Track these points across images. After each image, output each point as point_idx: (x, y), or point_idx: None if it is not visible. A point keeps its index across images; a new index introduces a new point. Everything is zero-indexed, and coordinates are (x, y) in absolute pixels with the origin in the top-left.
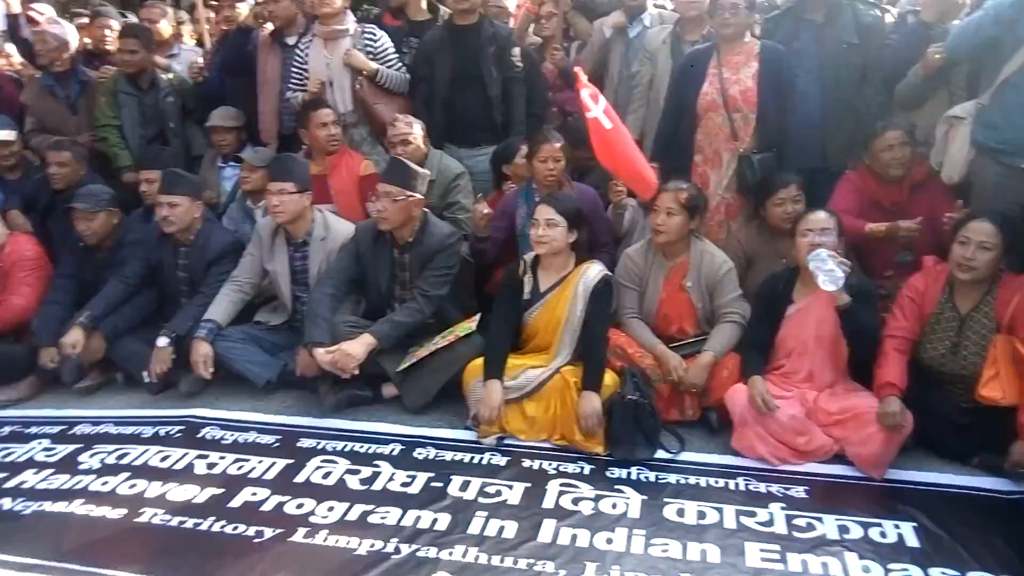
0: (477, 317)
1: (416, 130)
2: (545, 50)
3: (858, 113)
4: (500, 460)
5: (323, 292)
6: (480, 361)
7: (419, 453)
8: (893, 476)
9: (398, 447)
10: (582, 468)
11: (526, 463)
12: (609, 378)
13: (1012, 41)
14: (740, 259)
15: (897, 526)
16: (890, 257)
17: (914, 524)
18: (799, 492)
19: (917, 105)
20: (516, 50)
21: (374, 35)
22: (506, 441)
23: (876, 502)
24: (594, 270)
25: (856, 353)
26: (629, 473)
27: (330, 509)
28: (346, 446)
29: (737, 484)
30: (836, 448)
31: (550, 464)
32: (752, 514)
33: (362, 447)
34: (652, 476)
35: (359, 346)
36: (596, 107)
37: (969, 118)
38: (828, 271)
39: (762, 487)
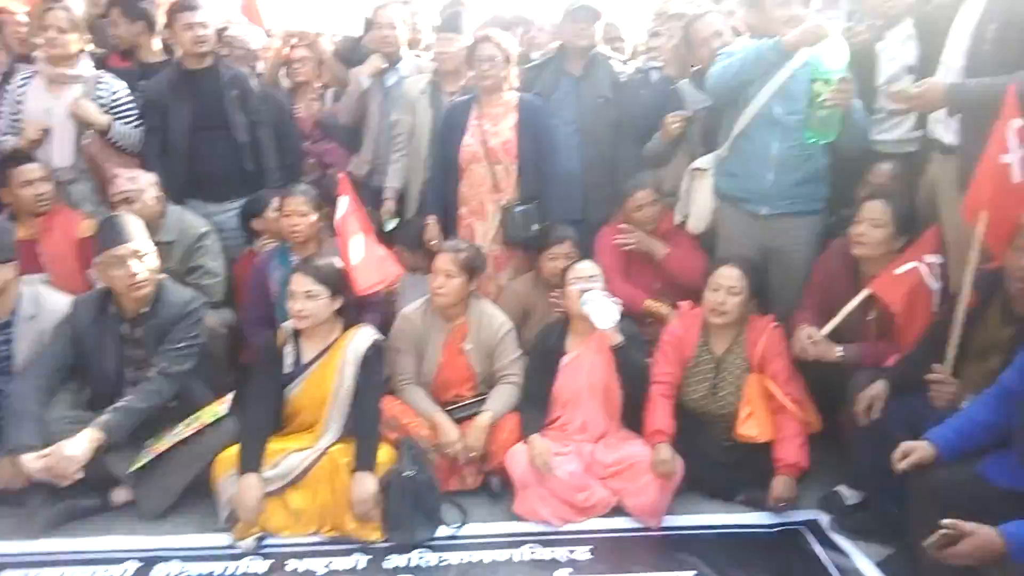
0: (230, 397)
1: (143, 185)
2: (297, 96)
3: (614, 167)
4: (261, 565)
5: (29, 384)
6: (233, 451)
7: (161, 569)
8: (670, 523)
9: (134, 565)
10: (357, 562)
11: (291, 565)
12: (384, 453)
13: (745, 97)
14: (517, 313)
15: None
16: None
17: (695, 573)
18: (585, 554)
19: (663, 164)
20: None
21: (109, 85)
22: (267, 542)
23: (658, 553)
24: (364, 335)
25: (630, 396)
26: (409, 560)
27: None
28: (64, 573)
29: (523, 554)
30: (615, 501)
31: (320, 562)
32: None
33: (88, 571)
34: (434, 559)
35: (81, 444)
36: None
37: (711, 169)
38: (602, 310)
39: (548, 553)
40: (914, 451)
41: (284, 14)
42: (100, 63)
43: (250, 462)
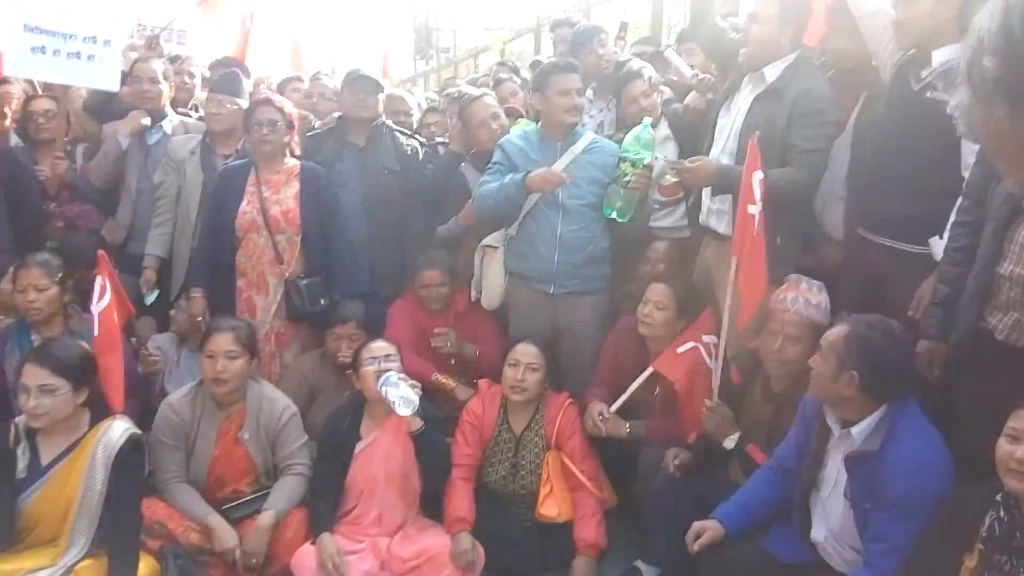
0: None
1: None
2: (40, 152)
3: (402, 240)
4: None
5: None
6: None
7: None
8: None
9: None
10: None
11: None
12: (145, 567)
13: None
14: (303, 395)
15: None
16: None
17: None
18: None
19: (456, 246)
20: None
21: None
22: None
23: None
24: (117, 429)
25: (430, 482)
26: None
27: None
28: None
29: None
30: None
31: None
32: None
33: None
34: None
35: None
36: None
37: (501, 247)
38: (402, 395)
39: None
40: (705, 531)
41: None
42: None
43: None
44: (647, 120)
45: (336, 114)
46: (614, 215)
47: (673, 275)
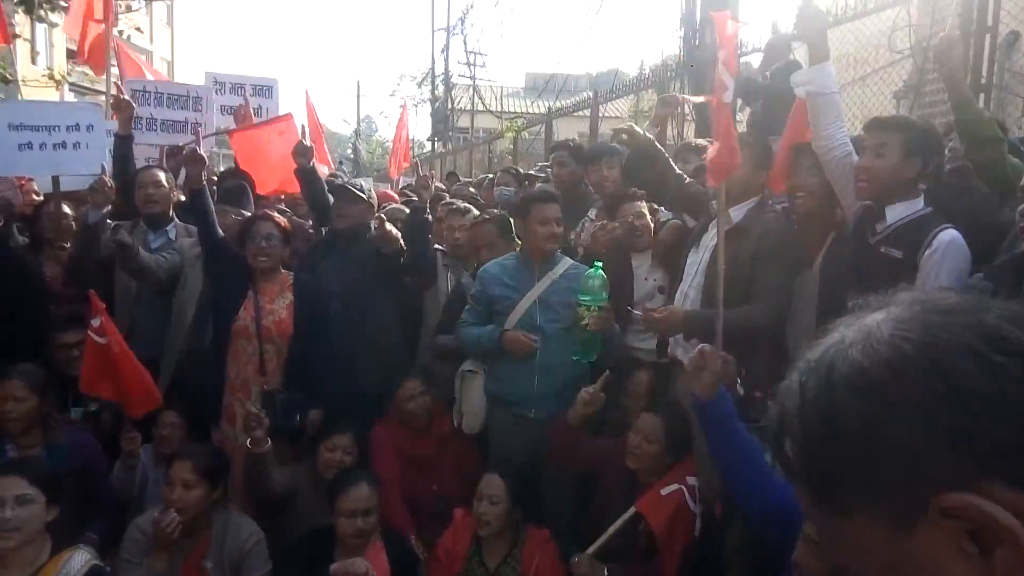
0: None
1: None
2: (44, 253)
3: (381, 349)
4: None
5: None
6: None
7: None
8: None
9: None
10: None
11: None
12: None
13: (509, 304)
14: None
15: None
16: (426, 507)
17: None
18: None
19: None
20: None
21: None
22: None
23: None
24: (78, 561)
25: None
26: None
27: None
28: None
29: None
30: None
31: None
32: None
33: None
34: None
35: None
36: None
37: (481, 372)
38: None
39: None
40: None
41: None
42: None
43: None
44: (598, 263)
45: None
46: (580, 358)
47: (662, 406)
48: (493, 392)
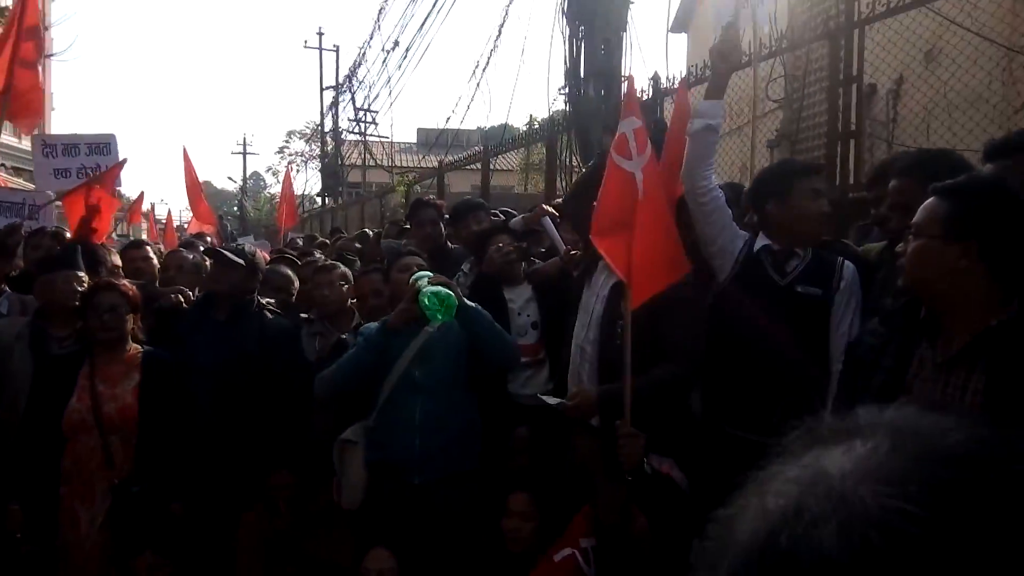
0: None
1: None
2: None
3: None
4: None
5: None
6: None
7: None
8: None
9: None
10: None
11: None
12: None
13: (386, 363)
14: None
15: None
16: None
17: None
18: None
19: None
20: None
21: None
22: None
23: None
24: None
25: None
26: None
27: None
28: None
29: None
30: None
31: None
32: None
33: None
34: None
35: None
36: None
37: (361, 441)
38: None
39: None
40: None
41: None
42: None
43: None
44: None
45: None
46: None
47: (539, 471)
48: (373, 460)
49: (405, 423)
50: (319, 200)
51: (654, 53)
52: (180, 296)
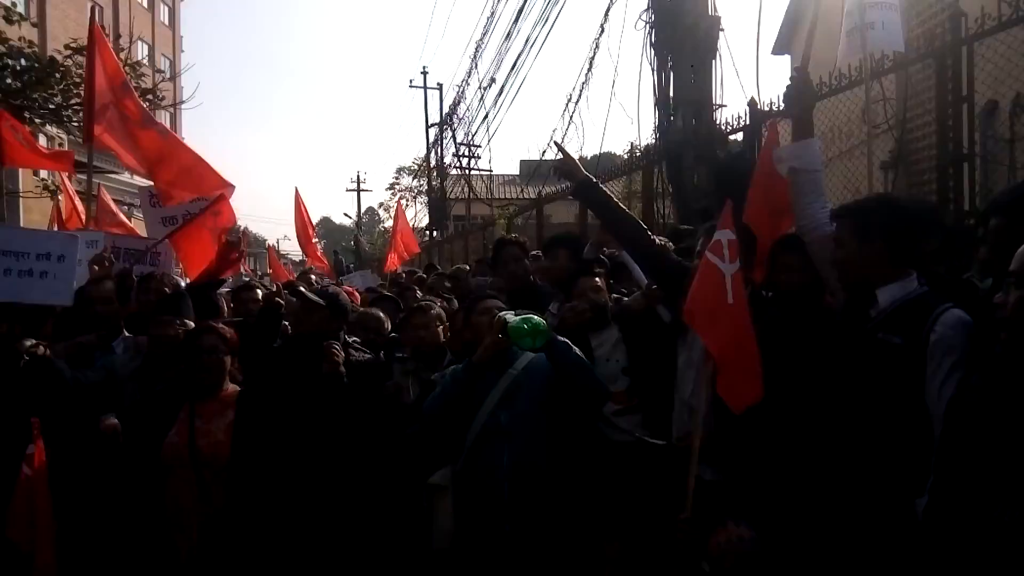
0: None
1: None
2: None
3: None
4: None
5: None
6: None
7: None
8: None
9: None
10: None
11: None
12: None
13: (471, 407)
14: None
15: None
16: None
17: None
18: None
19: None
20: None
21: None
22: None
23: None
24: None
25: None
26: None
27: None
28: None
29: None
30: None
31: None
32: None
33: None
34: None
35: None
36: None
37: (449, 485)
38: None
39: None
40: None
41: None
42: None
43: None
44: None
45: None
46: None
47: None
48: (462, 505)
49: (493, 469)
50: (427, 234)
51: (756, 76)
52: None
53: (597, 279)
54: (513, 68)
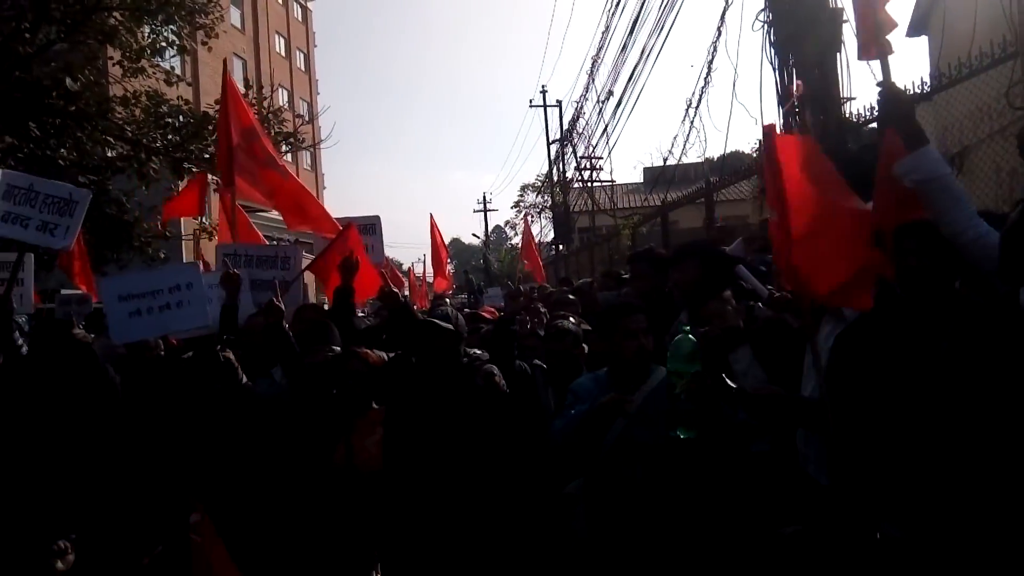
0: None
1: None
2: None
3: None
4: None
5: None
6: None
7: None
8: None
9: None
10: None
11: None
12: None
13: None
14: None
15: None
16: None
17: None
18: None
19: None
20: None
21: None
22: None
23: None
24: None
25: None
26: None
27: None
28: None
29: None
30: None
31: None
32: None
33: None
34: None
35: None
36: None
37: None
38: None
39: None
40: None
41: None
42: None
43: None
44: (685, 327)
45: None
46: (682, 434)
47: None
48: (592, 524)
49: (626, 483)
50: (554, 248)
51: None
52: None
53: (726, 297)
54: (630, 79)
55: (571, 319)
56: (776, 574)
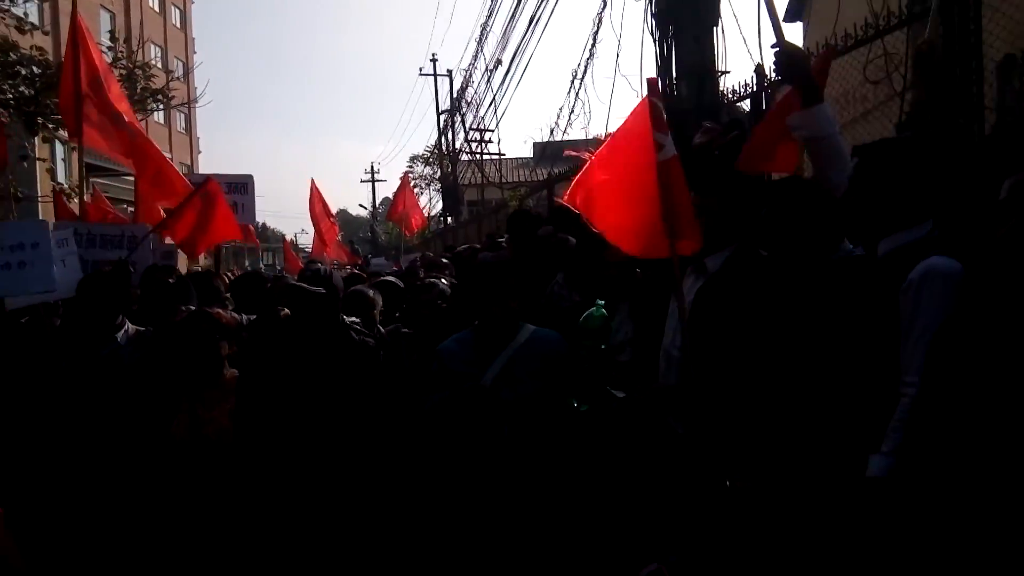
0: None
1: None
2: None
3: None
4: None
5: None
6: None
7: None
8: None
9: None
10: None
11: None
12: None
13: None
14: None
15: None
16: None
17: None
18: None
19: None
20: None
21: None
22: None
23: None
24: None
25: None
26: None
27: None
28: None
29: None
30: None
31: None
32: None
33: None
34: None
35: None
36: None
37: None
38: None
39: None
40: None
41: None
42: None
43: None
44: (599, 302)
45: None
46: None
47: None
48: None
49: (493, 441)
50: (442, 220)
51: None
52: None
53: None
54: (518, 48)
55: (442, 280)
56: (639, 525)
